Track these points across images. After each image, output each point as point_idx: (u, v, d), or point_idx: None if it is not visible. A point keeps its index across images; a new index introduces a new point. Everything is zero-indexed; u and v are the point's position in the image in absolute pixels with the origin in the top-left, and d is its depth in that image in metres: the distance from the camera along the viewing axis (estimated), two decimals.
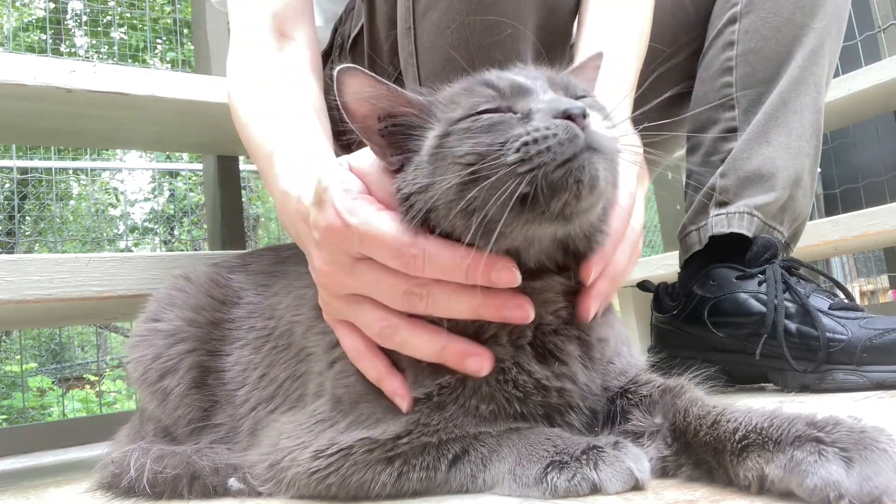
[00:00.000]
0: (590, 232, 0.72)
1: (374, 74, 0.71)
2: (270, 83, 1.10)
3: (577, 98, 0.72)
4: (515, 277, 0.68)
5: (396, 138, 0.73)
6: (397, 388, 0.73)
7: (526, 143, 0.63)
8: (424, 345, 0.71)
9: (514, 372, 0.72)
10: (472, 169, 0.64)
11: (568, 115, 0.63)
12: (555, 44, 1.03)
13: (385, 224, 0.70)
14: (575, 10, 1.08)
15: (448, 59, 0.97)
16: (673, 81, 1.29)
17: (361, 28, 1.25)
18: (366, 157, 0.76)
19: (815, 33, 1.31)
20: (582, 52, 1.03)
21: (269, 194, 1.08)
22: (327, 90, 1.14)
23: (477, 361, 0.70)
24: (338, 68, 0.70)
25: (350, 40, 1.31)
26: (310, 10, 1.24)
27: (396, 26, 1.06)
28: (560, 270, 0.74)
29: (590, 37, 1.05)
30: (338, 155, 0.87)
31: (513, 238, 0.67)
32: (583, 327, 0.76)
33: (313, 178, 0.78)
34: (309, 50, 1.19)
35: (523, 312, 0.70)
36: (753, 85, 1.33)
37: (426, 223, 0.69)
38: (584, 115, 0.64)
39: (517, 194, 0.62)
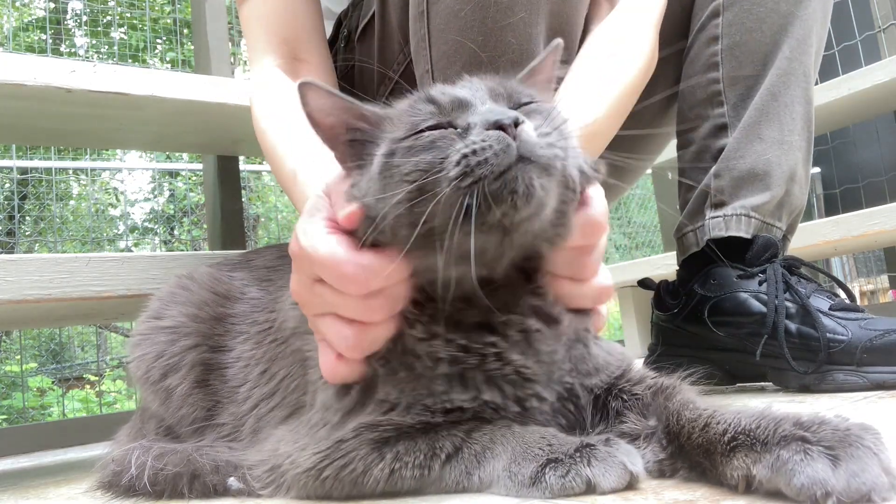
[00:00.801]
0: (543, 237, 0.72)
1: (330, 88, 0.75)
2: (290, 112, 1.11)
3: (522, 105, 0.73)
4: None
5: (357, 148, 0.76)
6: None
7: (465, 156, 0.64)
8: (388, 330, 0.74)
9: (436, 336, 0.73)
10: (418, 186, 0.66)
11: (499, 126, 0.64)
12: (567, 31, 1.04)
13: (326, 245, 0.71)
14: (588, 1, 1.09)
15: (460, 42, 0.98)
16: (659, 78, 1.29)
17: (372, 17, 1.25)
18: (338, 173, 0.79)
19: (802, 21, 1.29)
20: (588, 50, 1.04)
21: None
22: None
23: None
24: (298, 83, 0.74)
25: (358, 31, 1.31)
26: (320, 33, 1.27)
27: (408, 12, 1.07)
28: (520, 272, 0.75)
29: (601, 38, 1.06)
30: None
31: (461, 250, 0.66)
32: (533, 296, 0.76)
33: None
34: (322, 72, 1.24)
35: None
36: (741, 80, 1.32)
37: (375, 232, 0.70)
38: (516, 124, 0.65)
39: (462, 206, 0.64)
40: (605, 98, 0.99)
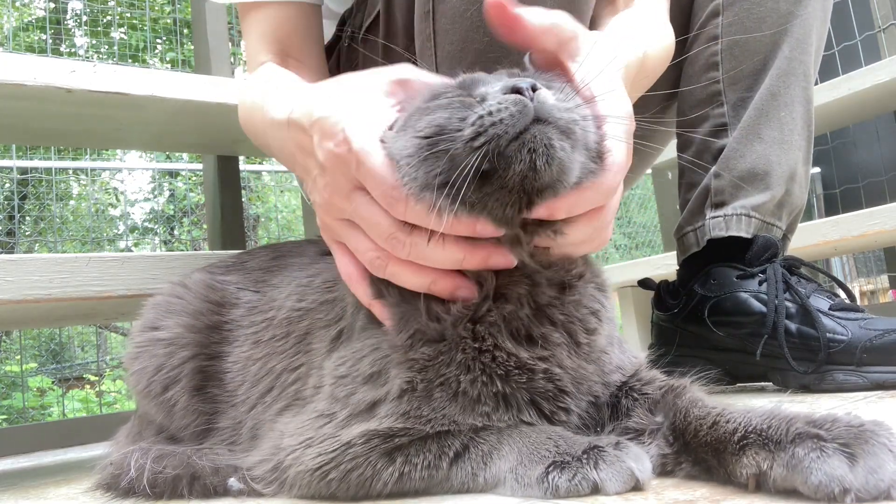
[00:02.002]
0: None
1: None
2: (269, 78, 1.13)
3: None
4: (496, 230, 0.70)
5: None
6: (384, 314, 0.77)
7: (481, 117, 0.65)
8: (414, 279, 0.74)
9: (489, 342, 0.73)
10: (429, 141, 0.68)
11: (517, 90, 0.65)
12: None
13: (382, 158, 0.72)
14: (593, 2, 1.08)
15: (465, 41, 0.98)
16: (658, 78, 1.29)
17: (376, 17, 1.25)
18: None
19: (802, 20, 1.29)
20: (619, 22, 1.04)
21: (266, 147, 1.11)
22: None
23: (466, 290, 0.74)
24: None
25: (363, 31, 1.31)
26: (315, 38, 1.27)
27: (414, 12, 1.07)
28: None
29: (626, 17, 1.06)
30: None
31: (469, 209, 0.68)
32: (567, 309, 0.76)
33: (304, 101, 0.83)
34: (315, 74, 1.23)
35: (507, 259, 0.72)
36: (741, 79, 1.32)
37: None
38: (534, 89, 0.66)
39: (477, 169, 0.64)
40: (648, 42, 0.99)
